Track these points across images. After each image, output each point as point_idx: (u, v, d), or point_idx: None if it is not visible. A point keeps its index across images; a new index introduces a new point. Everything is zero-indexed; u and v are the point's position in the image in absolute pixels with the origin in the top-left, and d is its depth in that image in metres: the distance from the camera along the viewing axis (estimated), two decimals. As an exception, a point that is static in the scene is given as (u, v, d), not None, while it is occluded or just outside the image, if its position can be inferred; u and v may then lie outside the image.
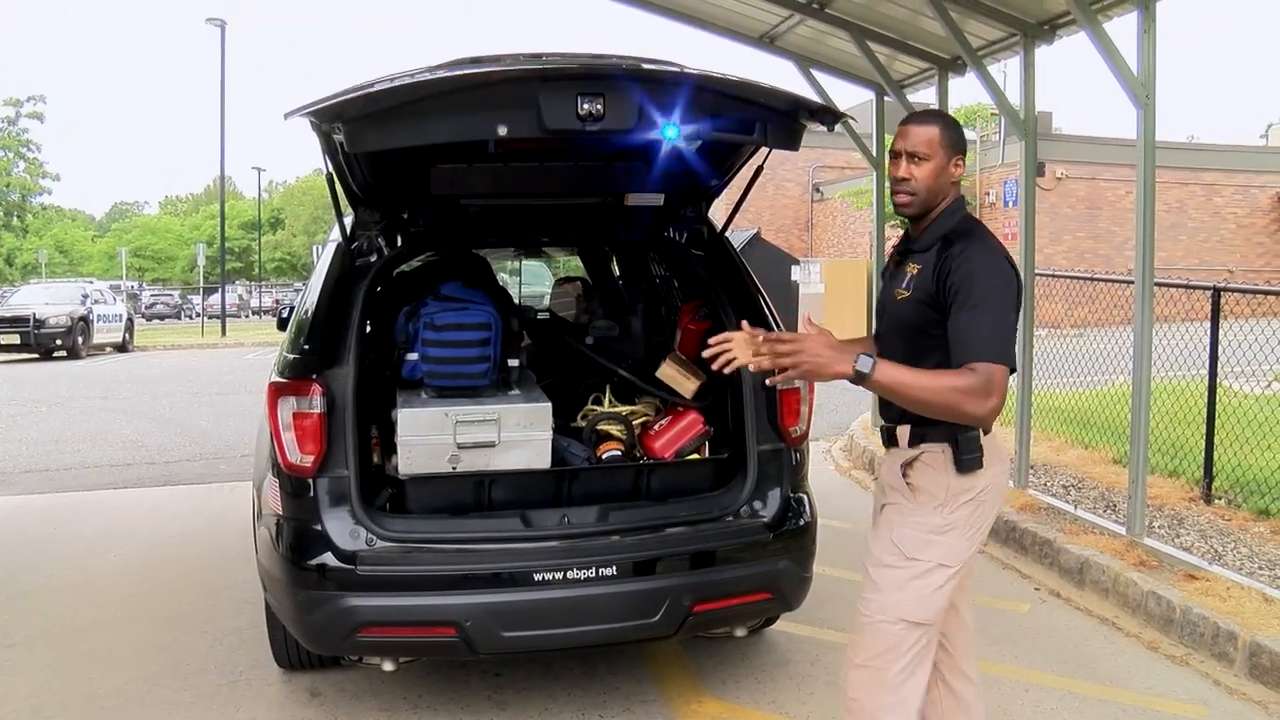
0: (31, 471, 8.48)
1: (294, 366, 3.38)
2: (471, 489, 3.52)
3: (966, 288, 2.33)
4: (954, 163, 2.50)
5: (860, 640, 2.51)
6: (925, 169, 2.48)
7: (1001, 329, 2.32)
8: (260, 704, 3.74)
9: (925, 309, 2.44)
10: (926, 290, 2.43)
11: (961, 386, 2.26)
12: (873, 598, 2.49)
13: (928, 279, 2.44)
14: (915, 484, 2.49)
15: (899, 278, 2.56)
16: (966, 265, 2.36)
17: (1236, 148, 26.79)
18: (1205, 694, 3.79)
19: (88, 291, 22.94)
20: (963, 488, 2.46)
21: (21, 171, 39.46)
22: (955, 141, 2.50)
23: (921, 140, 2.48)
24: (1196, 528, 5.46)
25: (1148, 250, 5.13)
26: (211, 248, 38.02)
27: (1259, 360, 6.27)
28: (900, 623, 2.44)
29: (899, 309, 2.53)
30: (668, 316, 4.60)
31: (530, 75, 2.87)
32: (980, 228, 2.52)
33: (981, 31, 6.60)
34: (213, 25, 28.66)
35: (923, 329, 2.45)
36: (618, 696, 3.75)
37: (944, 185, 2.50)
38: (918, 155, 2.48)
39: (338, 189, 3.52)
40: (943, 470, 2.46)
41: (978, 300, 2.32)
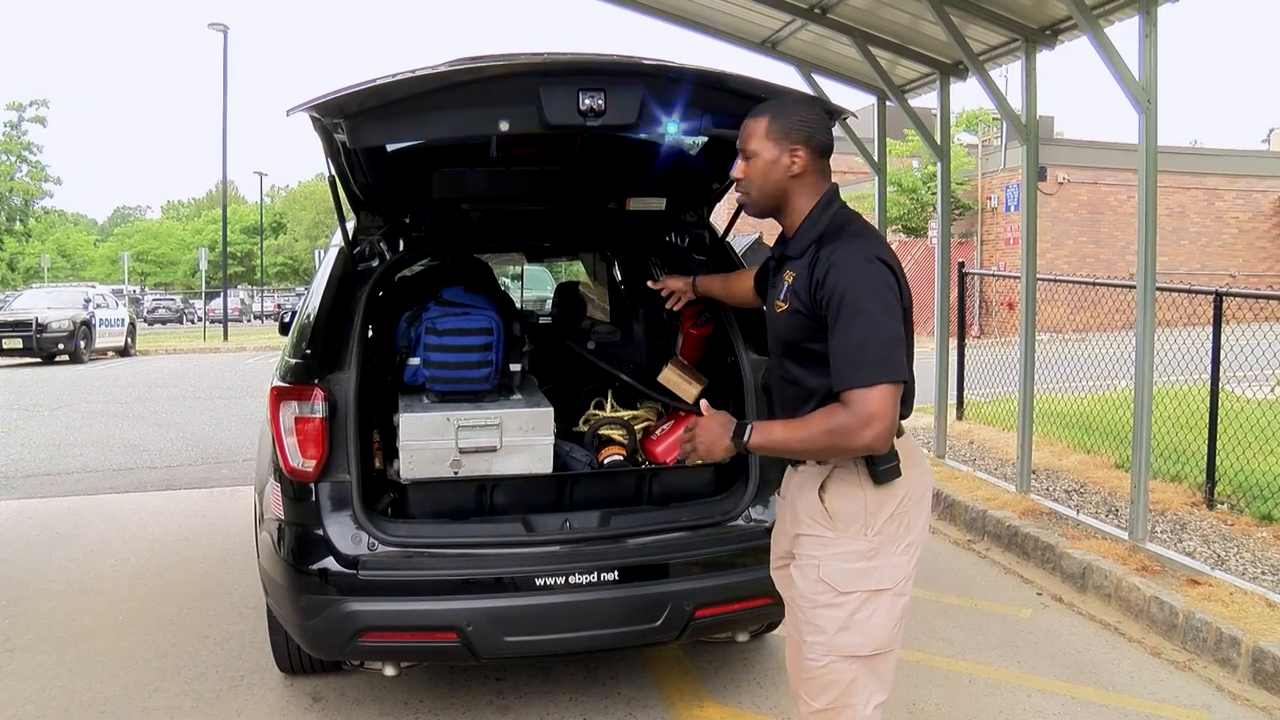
0: (33, 476, 8.48)
1: (296, 371, 3.38)
2: (473, 494, 3.52)
3: (835, 302, 2.16)
4: (791, 153, 2.29)
5: (812, 685, 2.31)
6: (755, 165, 2.32)
7: (877, 341, 2.12)
8: (262, 709, 3.73)
9: (803, 320, 2.26)
10: (802, 300, 2.25)
11: (835, 427, 2.12)
12: (816, 641, 2.29)
13: (802, 288, 2.26)
14: (833, 509, 2.29)
15: (777, 287, 2.39)
16: (833, 275, 2.17)
17: (1238, 152, 26.80)
18: (1208, 700, 3.78)
19: (90, 296, 22.95)
20: (881, 502, 2.28)
21: (24, 175, 39.56)
22: (788, 130, 2.30)
23: (748, 135, 2.33)
24: (1199, 533, 5.45)
25: (1150, 255, 5.14)
26: (213, 252, 38.13)
27: (1261, 365, 6.27)
28: (853, 660, 2.27)
29: (777, 321, 2.37)
30: (669, 321, 4.60)
31: (531, 70, 2.87)
32: (853, 223, 2.31)
33: (983, 36, 6.60)
34: (215, 30, 28.70)
35: (801, 343, 2.28)
36: (619, 701, 3.75)
37: (779, 180, 2.32)
38: (745, 152, 2.34)
39: (340, 193, 3.53)
40: (857, 486, 2.28)
41: (849, 315, 2.14)
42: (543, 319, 5.90)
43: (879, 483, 2.27)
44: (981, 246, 24.22)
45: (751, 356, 3.61)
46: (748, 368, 3.61)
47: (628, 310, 4.86)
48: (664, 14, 8.20)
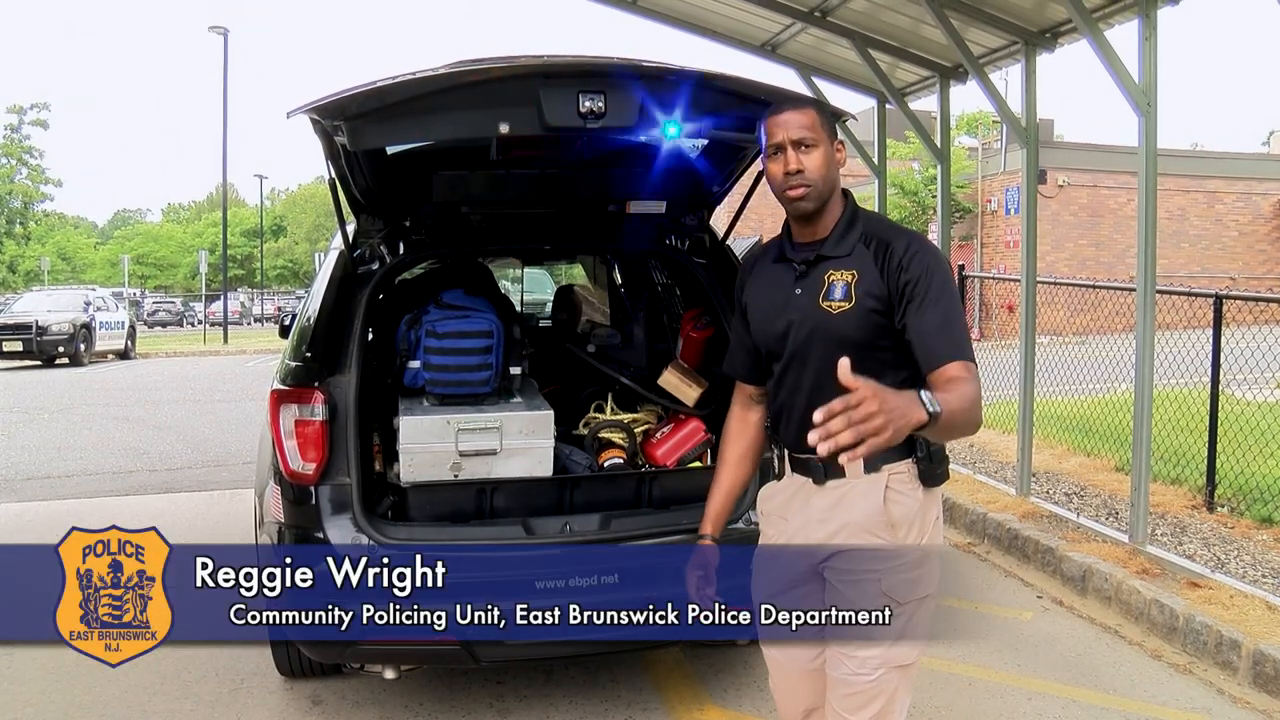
0: (33, 479, 8.47)
1: (296, 374, 3.38)
2: (473, 497, 3.52)
3: (925, 280, 2.13)
4: (836, 148, 2.28)
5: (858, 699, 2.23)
6: (815, 156, 2.22)
7: (962, 324, 2.15)
8: (262, 711, 3.73)
9: (875, 318, 2.18)
10: (876, 295, 2.17)
11: (977, 395, 2.02)
12: (870, 655, 2.21)
13: (873, 281, 2.18)
14: (893, 516, 2.20)
15: (819, 287, 2.24)
16: (920, 258, 2.16)
17: (1238, 155, 26.82)
18: (1209, 703, 3.78)
19: (90, 299, 22.93)
20: (928, 506, 2.22)
21: (24, 178, 39.59)
22: (831, 126, 2.29)
23: (804, 125, 2.22)
24: (1199, 535, 5.45)
25: (1150, 257, 5.14)
26: (214, 255, 38.09)
27: (1261, 367, 6.27)
28: (896, 670, 2.23)
29: (837, 323, 2.20)
30: (670, 324, 4.61)
31: (531, 72, 2.88)
32: (889, 221, 2.33)
33: (983, 39, 6.61)
34: (215, 33, 28.72)
35: (871, 342, 2.18)
36: (619, 704, 3.75)
37: (835, 174, 2.27)
38: (804, 142, 2.21)
39: (340, 196, 3.53)
40: (912, 492, 2.21)
41: (939, 292, 2.12)
42: (543, 322, 5.90)
43: (929, 487, 2.23)
44: (981, 249, 24.22)
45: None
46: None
47: (628, 313, 4.87)
48: (664, 17, 8.21)
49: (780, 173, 2.23)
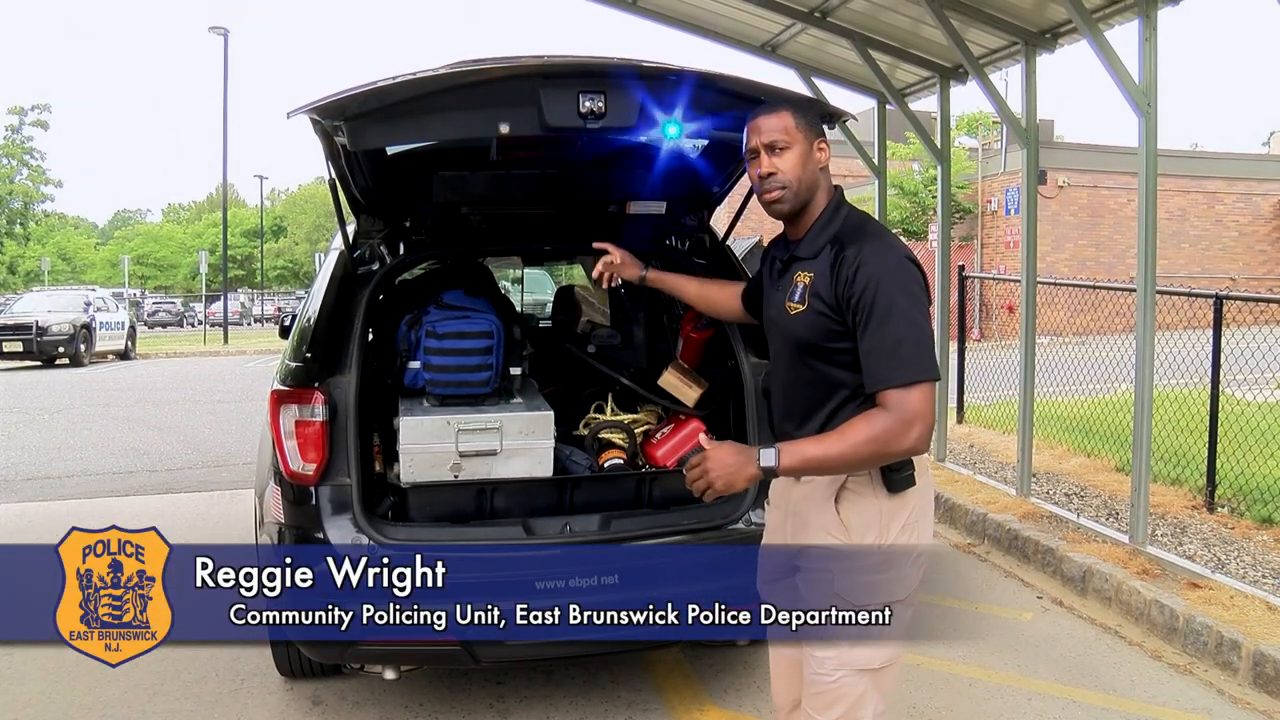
0: (33, 479, 8.48)
1: (296, 374, 3.38)
2: (473, 497, 3.52)
3: (868, 301, 2.12)
4: (817, 147, 2.28)
5: (821, 699, 2.26)
6: (788, 158, 2.24)
7: (912, 340, 2.10)
8: (262, 712, 3.73)
9: (825, 320, 2.20)
10: (825, 300, 2.20)
11: (877, 433, 2.07)
12: (827, 656, 2.24)
13: (824, 288, 2.20)
14: (848, 519, 2.23)
15: (785, 288, 2.32)
16: (863, 273, 2.14)
17: (1238, 155, 26.81)
18: (1209, 703, 3.78)
19: (90, 299, 22.94)
20: (894, 512, 2.23)
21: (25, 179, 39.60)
22: (812, 124, 2.29)
23: (776, 128, 2.25)
24: (1199, 536, 5.45)
25: (1150, 258, 5.14)
26: (214, 255, 38.10)
27: (1261, 368, 6.27)
28: (863, 673, 2.23)
29: (791, 324, 2.28)
30: (670, 325, 4.61)
31: (531, 72, 2.88)
32: (871, 224, 2.29)
33: (983, 40, 6.61)
34: (215, 34, 28.72)
35: (823, 343, 2.22)
36: (620, 705, 3.75)
37: (813, 174, 2.27)
38: (776, 145, 2.25)
39: (340, 196, 3.53)
40: (872, 495, 2.23)
41: (883, 314, 2.11)
42: (543, 322, 5.90)
43: (894, 492, 2.22)
44: (982, 249, 24.22)
45: (752, 360, 3.61)
46: (748, 371, 3.62)
47: (628, 314, 4.87)
48: (664, 17, 8.21)
49: (757, 176, 2.28)
